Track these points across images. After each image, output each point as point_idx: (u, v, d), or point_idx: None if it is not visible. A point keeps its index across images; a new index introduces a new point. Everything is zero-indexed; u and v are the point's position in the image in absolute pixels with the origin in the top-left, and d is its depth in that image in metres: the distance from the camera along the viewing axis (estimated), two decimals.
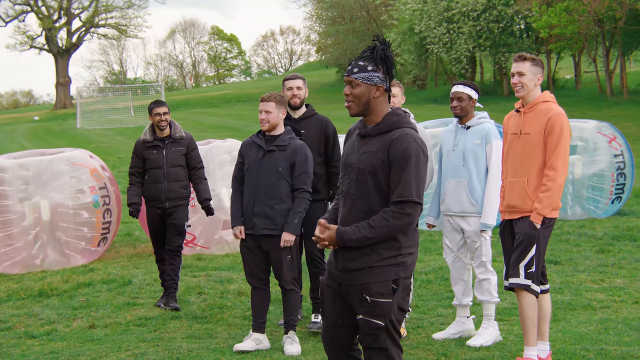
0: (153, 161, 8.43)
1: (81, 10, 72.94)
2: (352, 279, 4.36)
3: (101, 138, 36.28)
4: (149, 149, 8.47)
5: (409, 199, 4.25)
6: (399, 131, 4.33)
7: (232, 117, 45.76)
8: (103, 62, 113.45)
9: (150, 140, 8.47)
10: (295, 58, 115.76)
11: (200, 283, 9.28)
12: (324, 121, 7.51)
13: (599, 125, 13.75)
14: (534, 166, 5.99)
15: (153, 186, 8.44)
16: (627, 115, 35.36)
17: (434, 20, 46.91)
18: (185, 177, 8.57)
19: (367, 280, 4.31)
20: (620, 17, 37.56)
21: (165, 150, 8.44)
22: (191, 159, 8.58)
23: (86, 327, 7.85)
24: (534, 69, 6.07)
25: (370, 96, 4.37)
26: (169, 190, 8.42)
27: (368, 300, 4.30)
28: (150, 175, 8.45)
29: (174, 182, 8.45)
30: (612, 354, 6.30)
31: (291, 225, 6.69)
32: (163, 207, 8.45)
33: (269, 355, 6.63)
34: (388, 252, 4.32)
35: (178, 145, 8.50)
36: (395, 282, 4.32)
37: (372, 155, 4.34)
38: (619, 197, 13.26)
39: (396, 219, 4.25)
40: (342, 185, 4.51)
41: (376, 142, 4.37)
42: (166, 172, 8.41)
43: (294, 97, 7.42)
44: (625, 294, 8.52)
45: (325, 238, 4.38)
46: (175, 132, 8.52)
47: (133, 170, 8.56)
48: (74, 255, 10.54)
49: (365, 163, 4.35)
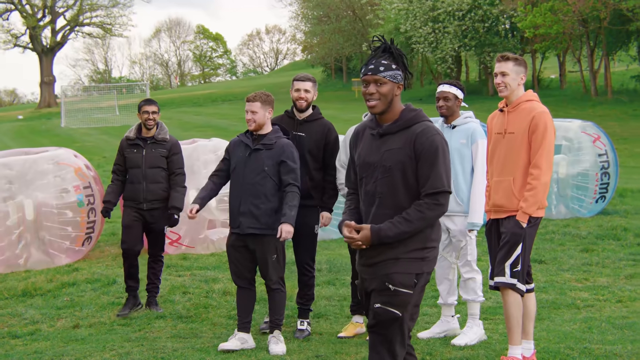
0: (132, 160, 8.22)
1: (66, 9, 72.63)
2: (376, 270, 4.43)
3: (86, 137, 36.14)
4: (130, 147, 8.26)
5: (442, 190, 4.35)
6: (420, 125, 4.42)
7: (217, 116, 45.68)
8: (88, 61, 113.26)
9: (132, 138, 8.27)
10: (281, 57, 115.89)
11: (185, 282, 9.26)
12: (327, 127, 7.32)
13: (583, 124, 13.82)
14: (519, 165, 6.00)
15: (132, 186, 8.22)
16: (611, 114, 35.59)
17: (419, 19, 47.03)
18: (166, 179, 8.28)
19: (392, 270, 4.38)
20: (604, 17, 37.79)
21: (145, 150, 8.21)
22: (172, 162, 8.29)
23: (70, 327, 7.81)
24: (516, 68, 6.08)
25: (393, 94, 4.46)
26: (147, 192, 8.17)
27: (391, 289, 4.37)
28: (130, 175, 8.25)
29: (152, 183, 8.19)
30: (595, 352, 6.32)
31: (289, 216, 6.62)
32: (140, 208, 8.19)
33: (254, 355, 6.61)
34: (414, 244, 4.40)
35: (159, 147, 8.25)
36: (417, 277, 4.40)
37: (398, 151, 4.40)
38: (603, 197, 13.33)
39: (431, 210, 4.34)
40: (365, 185, 4.53)
41: (398, 138, 4.43)
42: (144, 173, 8.17)
43: (300, 99, 7.22)
44: (609, 293, 8.56)
45: (360, 238, 4.37)
46: (159, 134, 8.30)
47: (115, 168, 8.36)
48: (58, 255, 10.49)
49: (391, 160, 4.41)
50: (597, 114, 35.38)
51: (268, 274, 6.79)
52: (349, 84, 63.76)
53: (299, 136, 7.18)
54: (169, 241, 10.95)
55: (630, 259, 10.24)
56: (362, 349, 6.68)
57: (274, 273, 6.79)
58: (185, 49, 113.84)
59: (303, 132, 7.21)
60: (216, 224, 11.41)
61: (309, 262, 7.39)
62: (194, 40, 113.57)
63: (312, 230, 7.30)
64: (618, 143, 24.45)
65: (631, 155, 26.24)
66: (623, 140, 28.68)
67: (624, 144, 27.72)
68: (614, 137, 20.41)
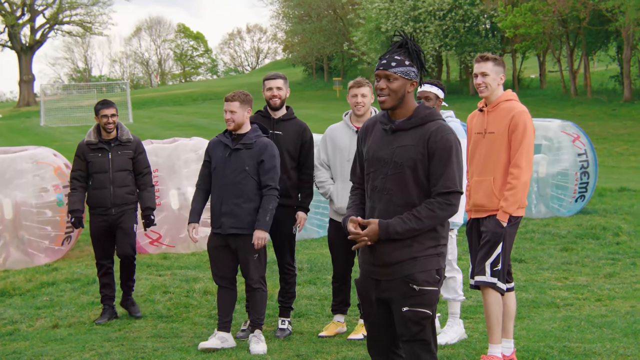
0: (98, 165, 7.83)
1: (45, 7, 72.13)
2: (395, 272, 4.37)
3: (65, 136, 35.93)
4: (93, 152, 7.86)
5: (455, 190, 4.33)
6: (434, 124, 4.38)
7: (198, 115, 45.59)
8: (67, 60, 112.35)
9: (95, 143, 7.88)
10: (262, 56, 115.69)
11: (166, 282, 9.23)
12: (303, 127, 7.34)
13: (563, 124, 13.90)
14: (499, 165, 6.02)
15: (98, 192, 7.84)
16: (590, 114, 35.83)
17: (400, 19, 47.08)
18: (133, 182, 7.96)
19: (413, 270, 4.33)
20: (584, 17, 38.04)
21: (111, 154, 7.86)
22: (138, 163, 7.97)
23: (49, 327, 7.76)
24: (496, 68, 6.10)
25: (405, 90, 4.40)
26: (114, 196, 7.84)
27: (416, 289, 4.32)
28: (95, 180, 7.85)
29: (120, 187, 7.85)
30: (574, 351, 6.36)
31: (263, 222, 6.66)
32: (108, 214, 7.86)
33: (235, 354, 6.60)
34: (430, 242, 4.37)
35: (125, 149, 7.92)
36: (437, 272, 4.39)
37: (410, 149, 4.36)
38: (583, 196, 13.42)
39: (442, 209, 4.31)
40: (373, 181, 4.46)
41: (411, 135, 4.39)
42: (112, 177, 7.83)
43: (273, 97, 7.23)
44: (588, 292, 8.61)
45: (366, 233, 4.32)
46: (122, 135, 7.94)
47: (76, 174, 7.94)
48: (38, 254, 10.43)
49: (403, 157, 4.36)
50: (577, 113, 35.60)
51: (249, 274, 6.78)
52: (330, 83, 63.77)
53: (276, 135, 7.18)
54: (149, 240, 10.91)
55: (609, 258, 10.31)
56: (342, 348, 6.69)
57: (255, 272, 6.78)
58: (166, 47, 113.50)
59: (280, 130, 7.21)
60: None
61: (290, 261, 7.39)
62: (174, 39, 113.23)
63: (291, 230, 7.30)
64: (597, 143, 24.63)
65: (610, 154, 26.46)
66: (602, 139, 28.90)
67: (603, 144, 27.93)
68: (593, 137, 20.56)
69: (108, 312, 7.98)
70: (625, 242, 11.28)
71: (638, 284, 8.95)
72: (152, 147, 10.87)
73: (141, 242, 10.66)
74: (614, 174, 20.82)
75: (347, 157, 6.86)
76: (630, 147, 28.18)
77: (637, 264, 9.99)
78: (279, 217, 7.01)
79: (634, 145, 28.43)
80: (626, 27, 35.91)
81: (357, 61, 59.40)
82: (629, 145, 28.53)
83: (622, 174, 21.51)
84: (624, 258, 10.30)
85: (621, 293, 8.54)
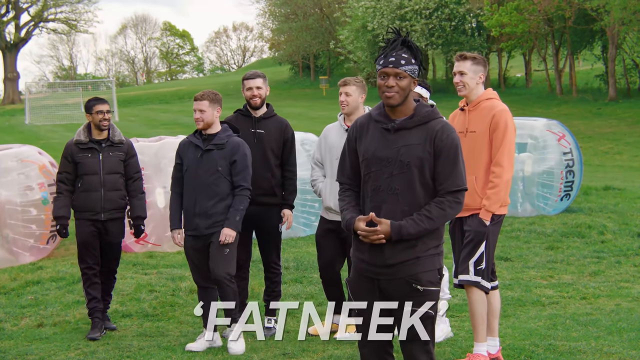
0: (88, 166, 7.35)
1: (30, 4, 71.82)
2: (397, 272, 4.37)
3: (51, 134, 35.76)
4: (82, 152, 7.36)
5: (463, 188, 4.39)
6: (438, 122, 4.41)
7: (184, 113, 45.44)
8: (52, 57, 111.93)
9: (85, 142, 7.39)
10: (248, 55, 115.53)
11: (152, 280, 9.20)
12: (284, 124, 7.32)
13: (548, 123, 13.95)
14: (481, 164, 6.03)
15: (87, 195, 7.34)
16: (575, 113, 35.98)
17: (386, 17, 47.16)
18: (124, 186, 7.50)
19: (416, 270, 4.35)
20: (569, 16, 38.21)
21: (102, 155, 7.38)
22: (129, 166, 7.52)
23: (34, 326, 7.73)
24: (474, 67, 6.12)
25: (409, 89, 4.42)
26: (105, 200, 7.35)
27: (420, 289, 4.35)
28: (84, 182, 7.35)
29: (111, 191, 7.38)
30: (560, 349, 6.38)
31: (232, 221, 6.64)
32: (97, 219, 7.36)
33: (220, 354, 6.59)
34: (432, 241, 4.41)
35: (117, 150, 7.46)
36: (439, 271, 4.44)
37: (417, 147, 4.36)
38: (568, 195, 13.46)
39: (452, 208, 4.35)
40: (375, 181, 4.42)
41: (416, 134, 4.39)
42: (103, 179, 7.34)
43: (253, 97, 7.20)
44: (574, 290, 8.64)
45: (381, 231, 4.29)
46: (114, 136, 7.48)
47: (62, 177, 7.43)
48: (23, 253, 10.38)
49: (410, 156, 4.35)
50: (562, 112, 35.76)
51: (217, 268, 6.69)
52: (316, 82, 63.76)
53: (258, 133, 7.16)
54: (135, 239, 10.86)
55: (594, 257, 10.35)
56: (328, 346, 6.69)
57: (222, 268, 6.68)
58: (152, 45, 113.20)
59: (262, 129, 7.19)
60: None
61: (275, 259, 7.38)
62: (160, 37, 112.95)
63: (276, 228, 7.29)
64: (582, 141, 24.74)
65: (595, 153, 26.59)
66: (587, 138, 29.04)
67: (588, 142, 28.07)
68: (578, 136, 20.64)
69: (99, 325, 7.41)
70: (610, 240, 11.33)
71: (623, 282, 8.99)
72: (138, 146, 10.79)
73: (127, 240, 10.60)
74: (599, 173, 20.92)
75: (336, 156, 6.86)
76: (615, 145, 28.33)
77: (622, 262, 10.04)
78: (264, 216, 7.01)
79: (619, 143, 28.58)
80: (611, 27, 36.09)
81: (343, 60, 59.42)
82: (614, 143, 28.68)
83: (607, 172, 21.62)
84: (609, 256, 10.34)
85: (606, 291, 8.58)
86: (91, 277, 7.47)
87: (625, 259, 10.20)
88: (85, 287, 7.48)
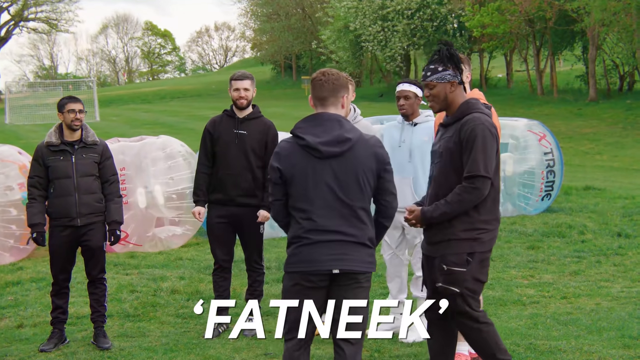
0: (59, 169, 6.84)
1: (10, 4, 71.38)
2: (435, 250, 5.00)
3: (31, 134, 35.57)
4: (54, 155, 6.86)
5: (477, 174, 4.81)
6: (469, 116, 4.91)
7: (166, 113, 45.38)
8: (33, 57, 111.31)
9: (56, 144, 6.88)
10: (230, 54, 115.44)
11: (133, 281, 9.17)
12: (267, 125, 7.28)
13: (529, 123, 14.02)
14: None
15: (61, 200, 6.84)
16: (556, 113, 36.16)
17: (368, 18, 47.23)
18: (100, 189, 6.98)
19: (445, 251, 4.94)
20: (550, 17, 38.40)
21: (75, 157, 6.87)
22: (104, 169, 7.00)
23: (14, 327, 7.68)
24: None
25: (447, 92, 5.00)
26: (80, 204, 6.83)
27: (445, 268, 4.92)
28: (57, 187, 6.85)
29: (86, 194, 6.86)
30: (540, 348, 6.42)
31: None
32: (73, 225, 6.85)
33: (202, 353, 6.58)
34: (462, 225, 4.89)
35: (90, 152, 6.93)
36: (470, 255, 4.90)
37: (449, 139, 4.95)
38: (549, 195, 13.53)
39: (468, 192, 4.83)
40: (431, 171, 5.14)
41: (452, 128, 4.98)
42: (77, 183, 6.83)
43: (240, 98, 7.18)
44: (554, 290, 8.68)
45: (413, 218, 5.00)
46: (87, 137, 6.96)
47: (34, 181, 6.92)
48: (2, 254, 10.33)
49: (443, 147, 4.98)
50: (543, 112, 35.91)
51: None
52: (298, 82, 63.75)
53: (240, 134, 7.15)
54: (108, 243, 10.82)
55: (575, 256, 10.40)
56: (312, 345, 6.67)
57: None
58: (133, 45, 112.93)
59: (244, 130, 7.17)
60: (164, 222, 11.30)
61: (257, 259, 7.36)
62: (142, 36, 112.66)
63: (257, 229, 7.27)
64: (563, 142, 24.87)
65: (576, 153, 26.74)
66: (568, 138, 29.19)
67: (569, 143, 28.22)
68: (559, 136, 20.76)
69: (56, 336, 6.98)
70: (590, 240, 11.40)
71: (603, 282, 9.04)
72: (119, 145, 10.79)
73: None
74: (579, 173, 21.03)
75: None
76: (595, 146, 28.50)
77: (602, 261, 10.09)
78: (245, 216, 7.00)
79: (599, 144, 28.75)
80: (591, 28, 36.28)
81: (325, 60, 59.44)
82: (594, 144, 28.85)
83: (587, 172, 21.74)
84: (589, 256, 10.40)
85: (586, 291, 8.62)
86: (60, 285, 7.03)
87: (605, 258, 10.26)
88: (51, 295, 7.10)
